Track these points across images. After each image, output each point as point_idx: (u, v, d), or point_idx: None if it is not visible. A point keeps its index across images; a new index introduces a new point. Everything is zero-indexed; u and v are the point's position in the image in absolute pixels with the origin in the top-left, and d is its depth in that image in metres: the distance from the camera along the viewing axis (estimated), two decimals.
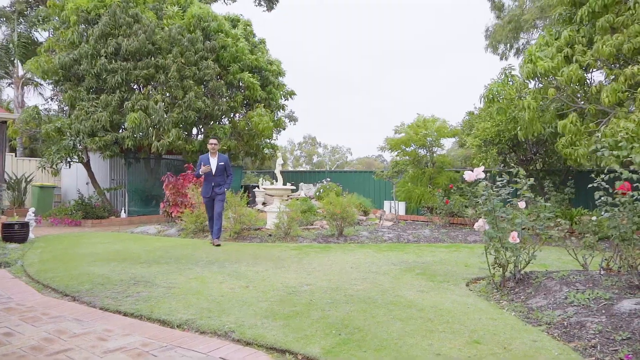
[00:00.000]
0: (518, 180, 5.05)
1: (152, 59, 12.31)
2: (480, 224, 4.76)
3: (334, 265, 6.49)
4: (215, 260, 6.79)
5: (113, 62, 11.91)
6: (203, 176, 8.29)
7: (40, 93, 22.55)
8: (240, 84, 15.04)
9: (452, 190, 11.35)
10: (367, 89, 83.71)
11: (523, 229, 4.94)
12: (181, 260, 6.78)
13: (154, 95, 12.09)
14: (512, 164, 11.99)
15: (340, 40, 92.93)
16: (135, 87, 12.94)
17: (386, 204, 13.62)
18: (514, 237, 4.47)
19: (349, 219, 9.32)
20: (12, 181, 15.22)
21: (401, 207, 13.04)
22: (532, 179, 4.97)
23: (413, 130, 12.19)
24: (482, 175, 4.85)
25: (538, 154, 11.78)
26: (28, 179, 15.61)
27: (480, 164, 10.78)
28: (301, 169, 41.82)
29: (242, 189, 10.88)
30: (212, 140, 8.53)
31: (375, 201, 14.74)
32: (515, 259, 4.88)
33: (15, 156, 20.66)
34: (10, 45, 21.40)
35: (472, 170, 5.05)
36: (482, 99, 8.93)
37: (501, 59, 23.88)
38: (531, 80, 8.68)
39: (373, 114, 77.67)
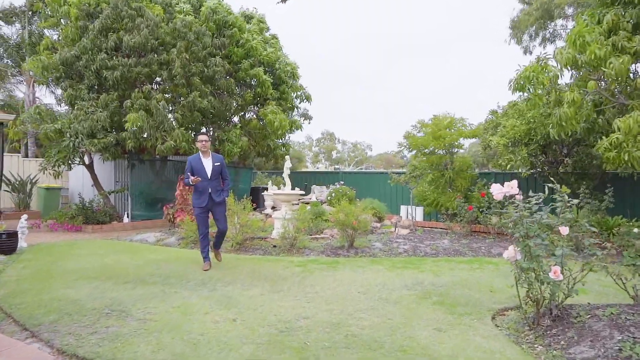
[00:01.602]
0: (557, 196, 4.21)
1: (155, 55, 11.67)
2: (511, 253, 3.93)
3: (340, 288, 5.73)
4: (207, 280, 6.09)
5: (113, 58, 11.31)
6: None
7: (52, 91, 22.25)
8: (252, 82, 14.37)
9: (482, 199, 10.38)
10: (377, 82, 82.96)
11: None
12: (170, 280, 6.09)
13: (155, 94, 11.45)
14: (540, 166, 11.03)
15: (349, 34, 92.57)
16: (137, 84, 12.34)
17: (402, 208, 12.78)
18: (556, 273, 3.63)
19: (361, 229, 8.54)
20: (17, 183, 14.83)
21: (419, 212, 12.19)
22: (574, 200, 4.09)
23: (431, 129, 11.30)
24: (516, 191, 4.01)
25: (569, 155, 10.78)
26: (34, 180, 15.20)
27: (508, 166, 9.81)
28: (315, 170, 41.00)
29: (247, 194, 10.16)
30: (201, 137, 6.75)
31: (391, 205, 13.91)
32: (552, 294, 4.05)
33: (25, 156, 20.46)
34: (22, 43, 21.19)
35: (501, 183, 4.24)
36: (511, 83, 7.92)
37: (525, 52, 22.63)
38: (569, 69, 7.69)
39: (385, 108, 76.81)
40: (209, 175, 6.70)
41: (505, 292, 5.49)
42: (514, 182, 3.97)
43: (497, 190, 4.09)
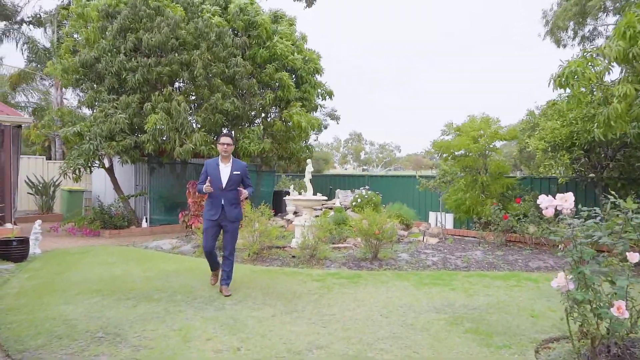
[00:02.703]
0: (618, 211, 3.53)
1: (176, 55, 11.35)
2: (562, 281, 3.28)
3: (360, 309, 5.15)
4: (216, 297, 5.61)
5: (133, 59, 11.03)
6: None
7: (77, 94, 22.40)
8: (274, 83, 13.92)
9: (519, 205, 9.55)
10: (400, 85, 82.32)
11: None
12: (176, 296, 5.64)
13: (176, 95, 11.11)
14: (582, 170, 10.17)
15: (371, 40, 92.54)
16: (158, 86, 12.05)
17: (431, 215, 12.07)
18: (620, 309, 2.97)
19: (386, 239, 7.93)
20: (40, 185, 14.81)
21: (449, 219, 11.47)
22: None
23: (464, 131, 10.54)
24: (570, 205, 3.35)
25: (615, 159, 9.87)
26: (57, 183, 15.15)
27: (550, 173, 8.98)
28: (340, 172, 40.28)
29: (269, 198, 9.67)
30: (224, 139, 5.78)
31: (420, 211, 13.18)
32: (612, 331, 3.37)
33: (53, 158, 20.62)
34: (51, 47, 21.46)
35: (539, 189, 3.59)
36: (553, 81, 7.12)
37: (558, 45, 21.38)
38: (619, 64, 6.87)
39: (409, 110, 76.00)
40: (223, 185, 5.68)
41: (549, 318, 4.82)
42: (569, 195, 3.31)
43: (547, 203, 3.43)
